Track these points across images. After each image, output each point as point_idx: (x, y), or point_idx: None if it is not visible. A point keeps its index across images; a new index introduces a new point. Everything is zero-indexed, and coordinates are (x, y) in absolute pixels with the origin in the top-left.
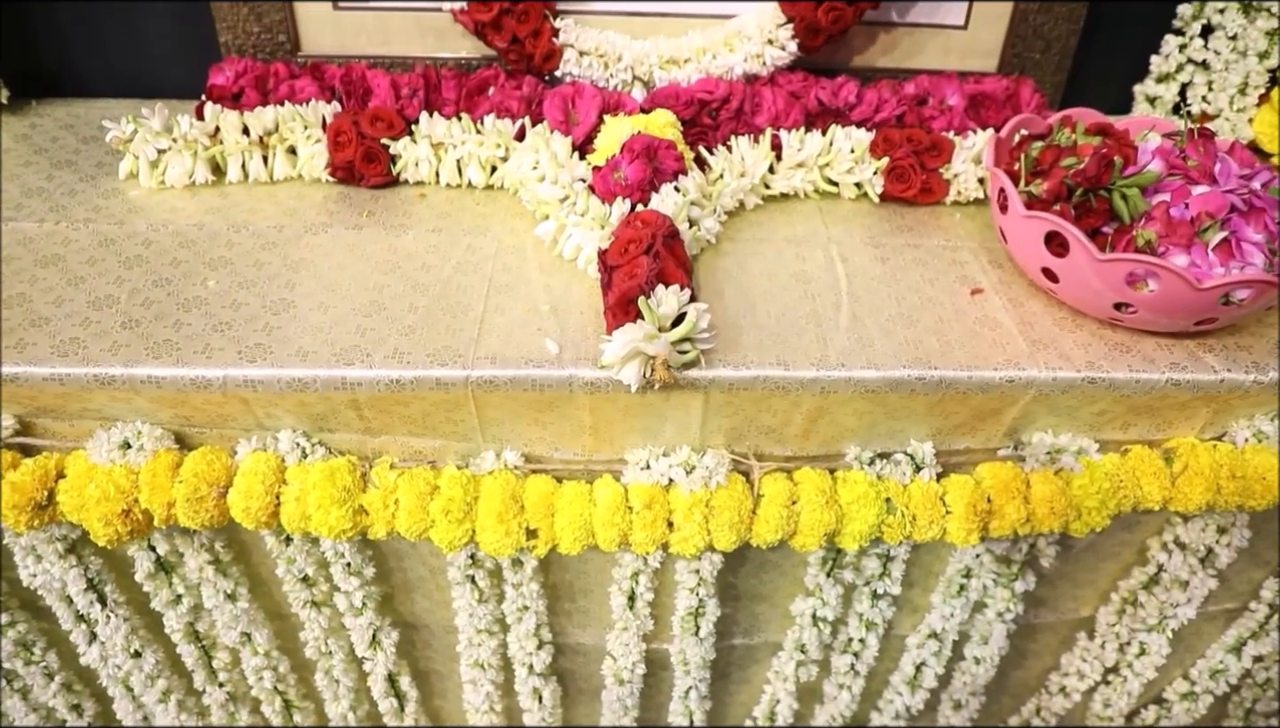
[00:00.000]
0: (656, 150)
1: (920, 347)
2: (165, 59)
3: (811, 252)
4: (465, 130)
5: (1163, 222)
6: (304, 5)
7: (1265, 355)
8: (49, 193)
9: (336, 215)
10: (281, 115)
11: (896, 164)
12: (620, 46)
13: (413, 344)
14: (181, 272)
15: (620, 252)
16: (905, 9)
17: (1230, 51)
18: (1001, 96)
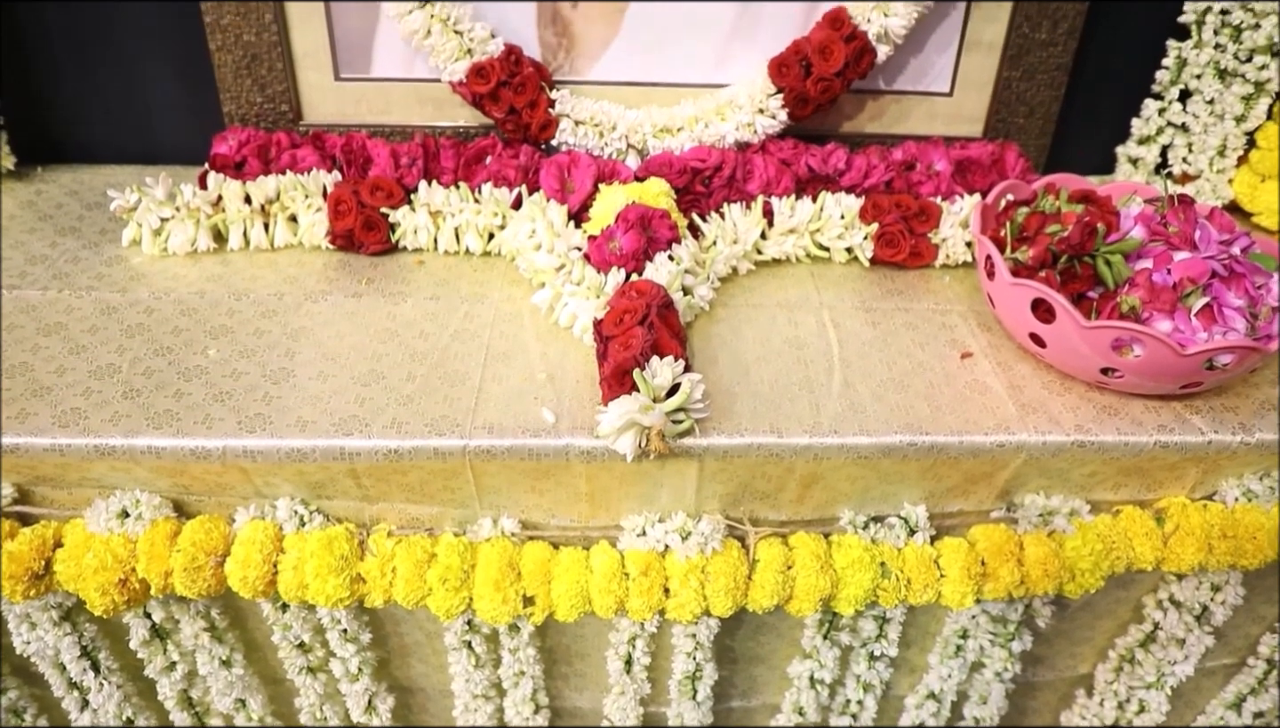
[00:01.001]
0: (650, 219)
1: (912, 412)
2: (170, 126)
3: (804, 316)
4: (463, 199)
5: (1146, 288)
6: (307, 77)
7: (1251, 417)
8: (52, 260)
9: (336, 283)
10: (283, 184)
11: (886, 230)
12: (615, 116)
13: (411, 414)
14: (183, 340)
15: (615, 322)
16: (892, 77)
17: (1208, 115)
18: (987, 161)
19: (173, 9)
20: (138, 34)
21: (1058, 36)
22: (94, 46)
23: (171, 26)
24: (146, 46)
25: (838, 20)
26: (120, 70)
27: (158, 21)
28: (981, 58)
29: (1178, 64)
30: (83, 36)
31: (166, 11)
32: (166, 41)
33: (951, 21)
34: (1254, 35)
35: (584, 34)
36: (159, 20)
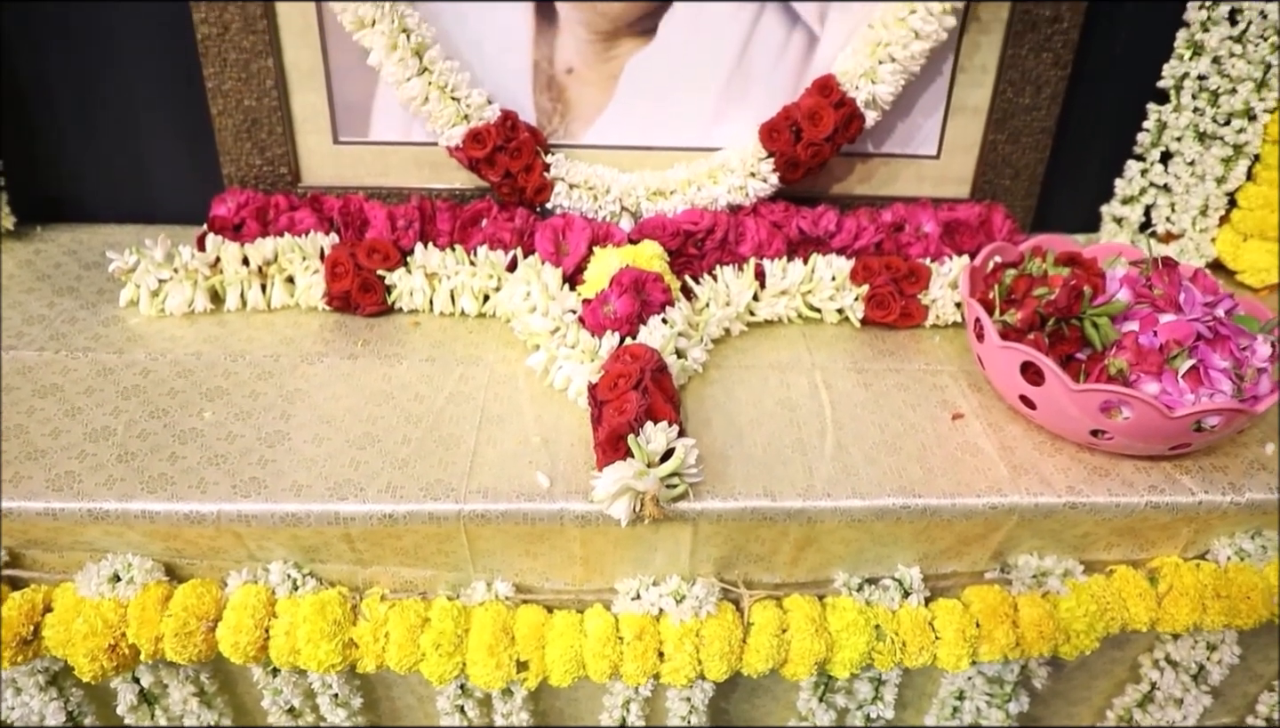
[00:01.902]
0: (644, 283)
1: (904, 474)
2: (169, 187)
3: (796, 378)
4: (459, 261)
5: (1133, 350)
6: (306, 140)
7: (1241, 476)
8: (50, 320)
9: (332, 344)
10: (281, 246)
11: (876, 291)
12: (609, 179)
13: (406, 478)
14: (178, 402)
15: (610, 386)
16: (880, 140)
17: (1189, 176)
18: (975, 223)
19: (176, 73)
20: (140, 96)
21: (1041, 101)
22: (96, 108)
23: (173, 90)
24: (148, 109)
25: (827, 87)
26: (121, 131)
27: (160, 85)
28: (967, 122)
29: (1158, 127)
30: (86, 97)
31: (169, 75)
32: (168, 104)
33: (937, 87)
34: (1230, 100)
35: (578, 99)
36: (161, 84)
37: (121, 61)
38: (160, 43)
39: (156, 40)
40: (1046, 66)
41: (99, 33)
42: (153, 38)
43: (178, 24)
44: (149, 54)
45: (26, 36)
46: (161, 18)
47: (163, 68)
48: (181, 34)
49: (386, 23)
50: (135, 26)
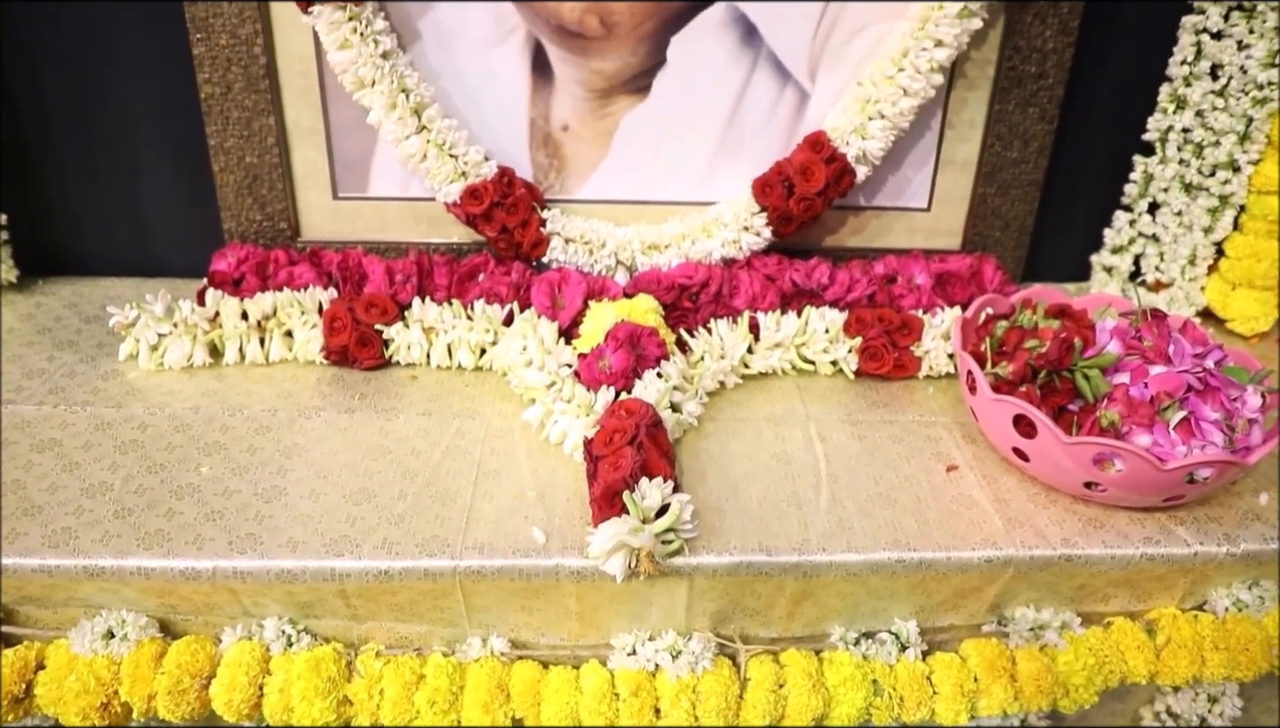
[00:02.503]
0: (639, 338)
1: (899, 528)
2: (170, 241)
3: (791, 430)
4: (456, 315)
5: (1124, 402)
6: (306, 196)
7: (1235, 527)
8: (49, 374)
9: (329, 398)
10: (280, 301)
11: (869, 343)
12: (604, 233)
13: (402, 534)
14: (176, 457)
15: (605, 441)
16: (872, 194)
17: (1177, 226)
18: (966, 274)
19: (179, 130)
20: (143, 152)
21: (1029, 154)
22: (100, 162)
23: (176, 146)
24: (151, 164)
25: (818, 143)
26: (124, 186)
27: (163, 141)
28: (957, 175)
29: (1144, 178)
30: (90, 152)
31: (172, 132)
32: (170, 160)
33: (927, 142)
34: (1215, 152)
35: (574, 155)
36: (164, 140)
37: (125, 117)
38: (164, 100)
39: (161, 98)
40: (1033, 121)
41: (104, 90)
42: (157, 95)
43: (181, 83)
44: (153, 111)
45: (32, 91)
46: (166, 77)
47: (166, 124)
48: (185, 92)
49: (386, 83)
50: (140, 84)
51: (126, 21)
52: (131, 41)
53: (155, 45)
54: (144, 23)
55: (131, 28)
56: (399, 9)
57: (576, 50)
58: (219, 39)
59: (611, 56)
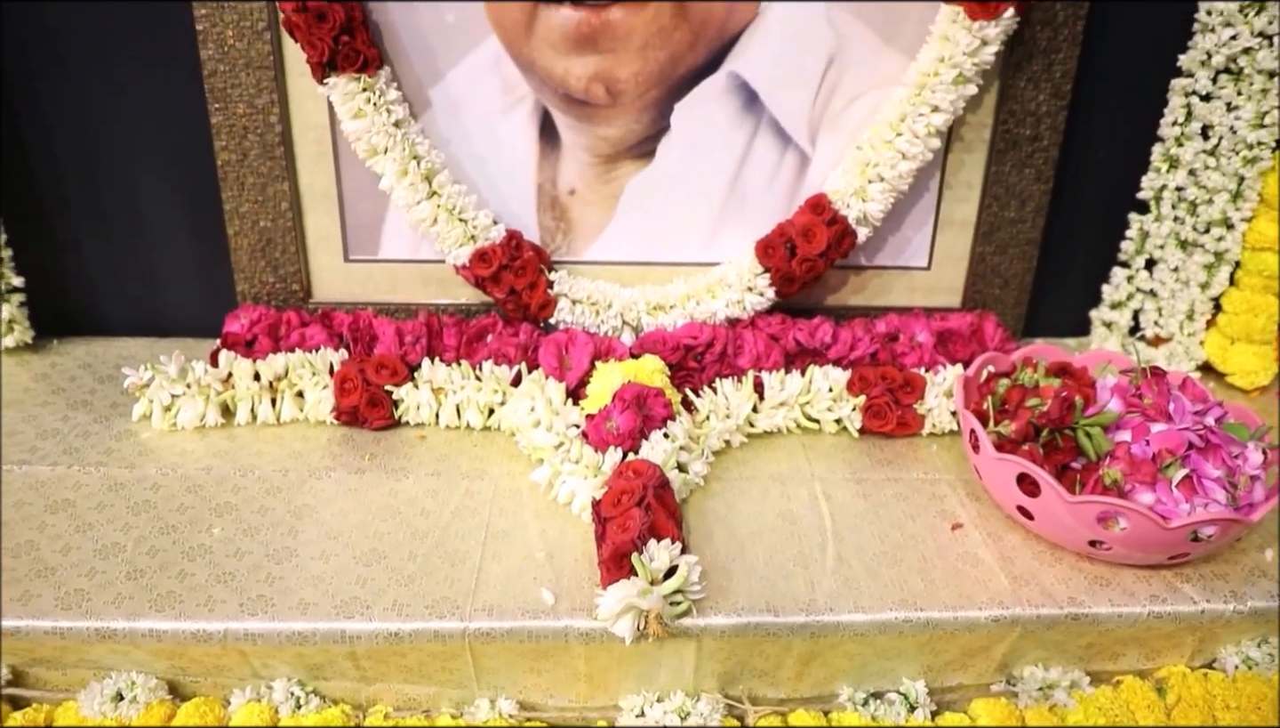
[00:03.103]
0: (646, 398)
1: (906, 587)
2: (183, 302)
3: (796, 489)
4: (464, 376)
5: (1126, 460)
6: (318, 259)
7: (1242, 584)
8: (64, 435)
9: (340, 459)
10: (292, 362)
11: (873, 402)
12: (610, 294)
13: (411, 595)
14: (188, 518)
15: (613, 503)
16: (873, 253)
17: (1174, 282)
18: (967, 332)
19: (194, 194)
20: (159, 215)
21: (1025, 214)
22: (117, 225)
23: (191, 210)
24: (165, 227)
25: (819, 206)
26: (140, 248)
27: (179, 205)
28: (956, 235)
29: (1140, 236)
30: (107, 215)
31: (188, 196)
32: (186, 223)
33: (926, 203)
34: (1209, 209)
35: (581, 218)
36: (180, 203)
37: (142, 182)
38: (181, 166)
39: (177, 164)
40: (1029, 182)
41: (121, 155)
42: (173, 162)
43: (198, 149)
44: (169, 176)
45: (50, 156)
46: (182, 143)
47: (182, 189)
48: (202, 158)
49: (398, 150)
50: (157, 151)
51: (145, 90)
52: (149, 109)
53: (172, 113)
54: (162, 92)
55: (150, 96)
56: (411, 78)
57: (583, 117)
58: (236, 108)
59: (617, 123)
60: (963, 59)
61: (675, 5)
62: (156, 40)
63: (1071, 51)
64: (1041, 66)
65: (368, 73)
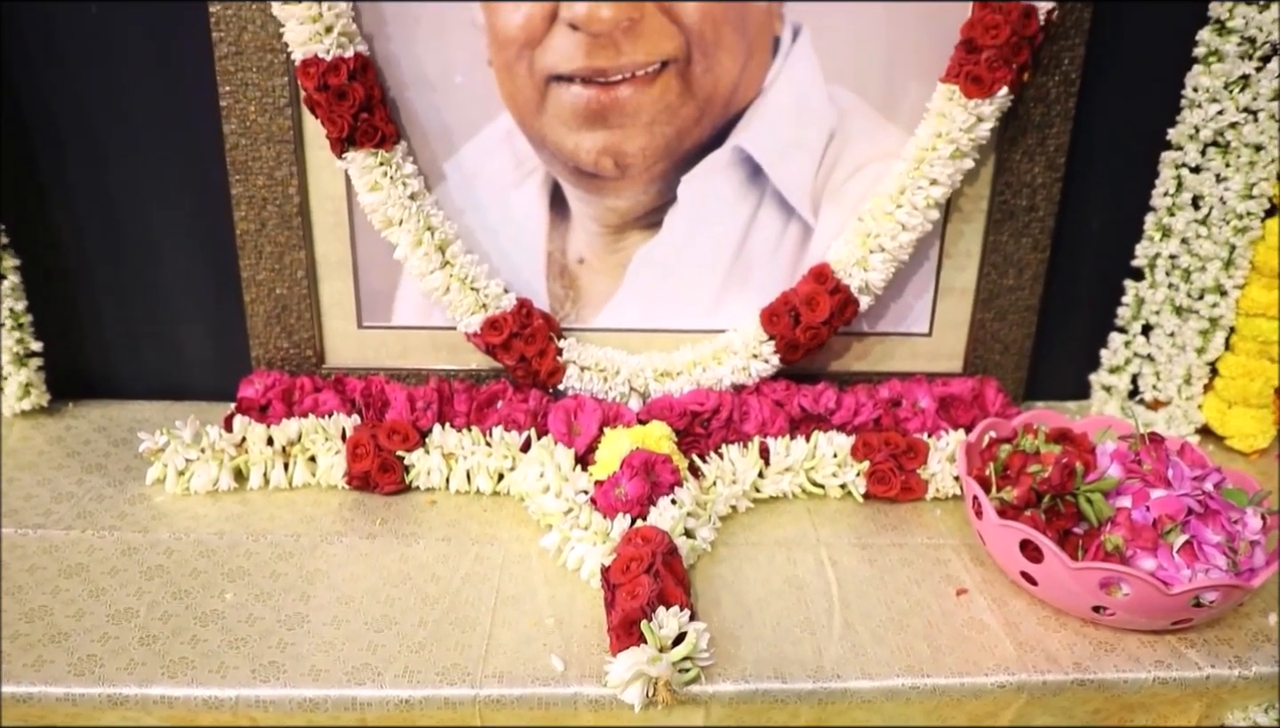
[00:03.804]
0: (654, 465)
1: (912, 653)
2: (198, 366)
3: (802, 555)
4: (475, 441)
5: (1127, 526)
6: (332, 325)
7: (1246, 649)
8: (78, 498)
9: (351, 523)
10: (305, 427)
11: (876, 467)
12: (618, 361)
13: (422, 662)
14: (201, 582)
15: (622, 570)
16: (875, 320)
17: (1170, 347)
18: (968, 397)
19: (212, 262)
20: (177, 282)
21: (1023, 282)
22: (135, 291)
23: (208, 277)
24: (182, 293)
25: (822, 275)
26: (157, 313)
27: (197, 272)
28: (956, 302)
29: (1136, 302)
30: (123, 281)
31: (206, 263)
32: (202, 290)
33: (926, 271)
34: (1202, 277)
35: (589, 286)
36: (198, 271)
37: (163, 249)
38: (201, 234)
39: (197, 232)
40: (1026, 250)
41: (144, 223)
42: (194, 230)
43: (217, 218)
44: (189, 244)
45: (76, 225)
46: (204, 213)
47: (201, 257)
48: (220, 227)
49: (413, 222)
50: (179, 219)
51: (168, 163)
52: (172, 181)
53: (194, 184)
54: (185, 164)
55: (173, 168)
56: (427, 152)
57: (592, 189)
58: (256, 180)
59: (625, 195)
60: (959, 135)
61: (681, 83)
62: (180, 115)
63: (1064, 127)
64: (1036, 141)
65: (385, 148)
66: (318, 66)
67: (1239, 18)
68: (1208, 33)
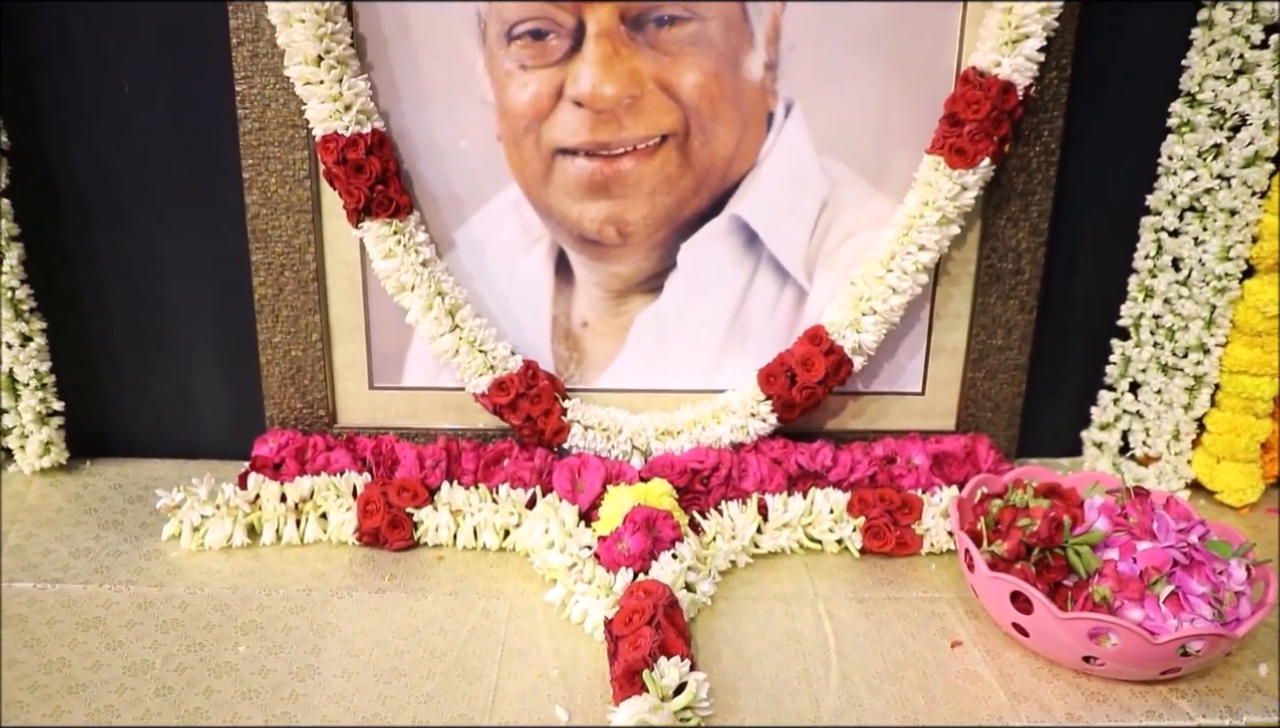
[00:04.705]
0: (655, 521)
1: (908, 704)
2: (212, 425)
3: (800, 608)
4: (482, 499)
5: (1114, 577)
6: (344, 386)
7: (1236, 699)
8: (95, 554)
9: (361, 578)
10: (317, 485)
11: (872, 522)
12: (620, 421)
13: (431, 713)
14: (215, 636)
15: (625, 621)
16: (869, 380)
17: (1158, 404)
18: (961, 454)
19: (230, 325)
20: (194, 344)
21: (1012, 342)
22: (154, 354)
23: (226, 339)
24: (200, 355)
25: (817, 337)
26: (174, 374)
27: (216, 335)
28: (947, 362)
29: (1123, 361)
30: (147, 345)
31: (224, 327)
32: (220, 352)
33: (917, 332)
34: (1185, 336)
35: (593, 349)
36: (215, 334)
37: (184, 315)
38: (219, 299)
39: (216, 297)
40: (1013, 312)
41: (167, 291)
42: (214, 295)
43: (236, 283)
44: (208, 309)
45: (101, 293)
46: (223, 279)
47: (219, 320)
48: (239, 292)
49: (425, 287)
50: (200, 287)
51: (192, 234)
52: (195, 252)
53: (216, 254)
54: (207, 235)
55: (196, 240)
56: (438, 221)
57: (596, 256)
58: (275, 247)
59: (627, 262)
60: (945, 202)
61: (680, 156)
62: (204, 185)
63: (1046, 194)
64: (1019, 207)
65: (399, 217)
66: (337, 142)
67: (1208, 91)
68: (1180, 105)
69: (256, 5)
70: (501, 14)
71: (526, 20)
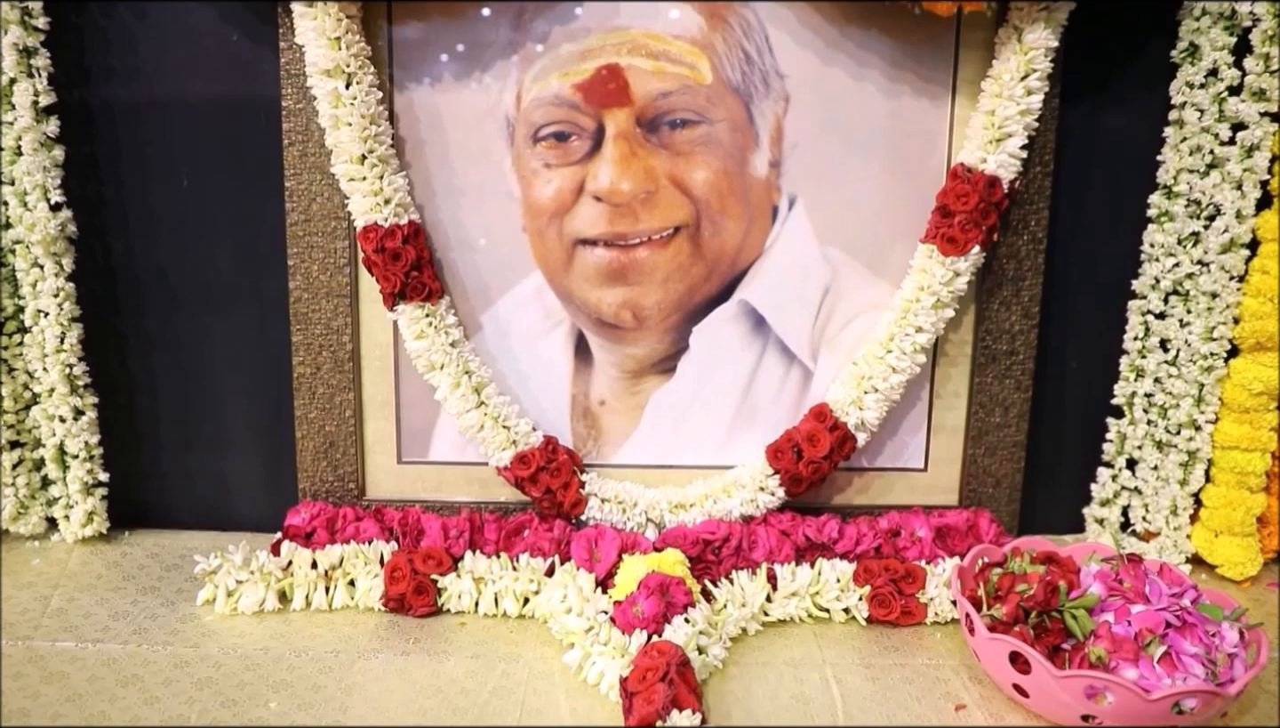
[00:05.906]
0: (668, 587)
1: None
2: (246, 497)
3: (809, 673)
4: (503, 567)
5: (1109, 638)
6: (374, 460)
7: None
8: (133, 616)
9: (387, 642)
10: (347, 553)
11: (877, 592)
12: (636, 494)
13: None
14: (247, 694)
15: (639, 678)
16: (873, 456)
17: (1155, 479)
18: (963, 527)
19: (268, 402)
20: (235, 423)
21: (1010, 419)
22: (197, 433)
23: (264, 415)
24: (239, 431)
25: (822, 414)
26: (213, 450)
27: (253, 412)
28: (948, 439)
29: (1119, 438)
30: (189, 424)
31: (262, 404)
32: (258, 427)
33: (919, 410)
34: (1177, 413)
35: (610, 426)
36: (254, 411)
37: (226, 395)
38: (260, 378)
39: (257, 376)
40: (1010, 391)
41: (211, 373)
42: (254, 375)
43: (277, 363)
44: (248, 388)
45: (151, 375)
46: (264, 360)
47: (259, 397)
48: (280, 371)
49: (453, 367)
50: (242, 367)
51: (238, 321)
52: (239, 335)
53: (259, 336)
54: (252, 319)
55: (241, 325)
56: (466, 305)
57: (613, 339)
58: (314, 329)
59: (643, 344)
60: (939, 288)
61: (692, 246)
62: (251, 273)
63: (1035, 279)
64: (1011, 292)
65: (431, 302)
66: (376, 232)
67: (1183, 183)
68: (1158, 196)
69: (308, 110)
70: (528, 118)
71: (551, 124)
